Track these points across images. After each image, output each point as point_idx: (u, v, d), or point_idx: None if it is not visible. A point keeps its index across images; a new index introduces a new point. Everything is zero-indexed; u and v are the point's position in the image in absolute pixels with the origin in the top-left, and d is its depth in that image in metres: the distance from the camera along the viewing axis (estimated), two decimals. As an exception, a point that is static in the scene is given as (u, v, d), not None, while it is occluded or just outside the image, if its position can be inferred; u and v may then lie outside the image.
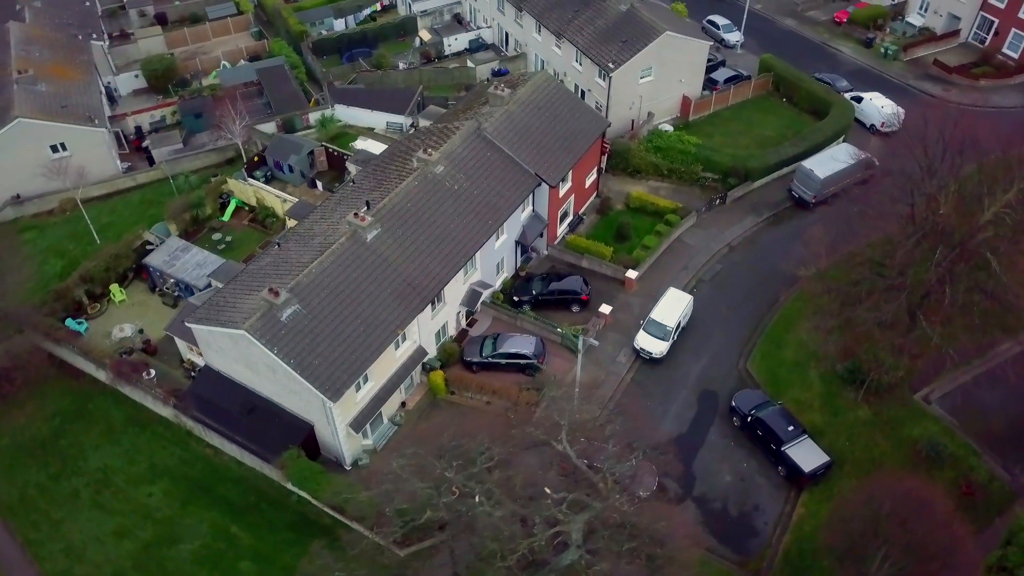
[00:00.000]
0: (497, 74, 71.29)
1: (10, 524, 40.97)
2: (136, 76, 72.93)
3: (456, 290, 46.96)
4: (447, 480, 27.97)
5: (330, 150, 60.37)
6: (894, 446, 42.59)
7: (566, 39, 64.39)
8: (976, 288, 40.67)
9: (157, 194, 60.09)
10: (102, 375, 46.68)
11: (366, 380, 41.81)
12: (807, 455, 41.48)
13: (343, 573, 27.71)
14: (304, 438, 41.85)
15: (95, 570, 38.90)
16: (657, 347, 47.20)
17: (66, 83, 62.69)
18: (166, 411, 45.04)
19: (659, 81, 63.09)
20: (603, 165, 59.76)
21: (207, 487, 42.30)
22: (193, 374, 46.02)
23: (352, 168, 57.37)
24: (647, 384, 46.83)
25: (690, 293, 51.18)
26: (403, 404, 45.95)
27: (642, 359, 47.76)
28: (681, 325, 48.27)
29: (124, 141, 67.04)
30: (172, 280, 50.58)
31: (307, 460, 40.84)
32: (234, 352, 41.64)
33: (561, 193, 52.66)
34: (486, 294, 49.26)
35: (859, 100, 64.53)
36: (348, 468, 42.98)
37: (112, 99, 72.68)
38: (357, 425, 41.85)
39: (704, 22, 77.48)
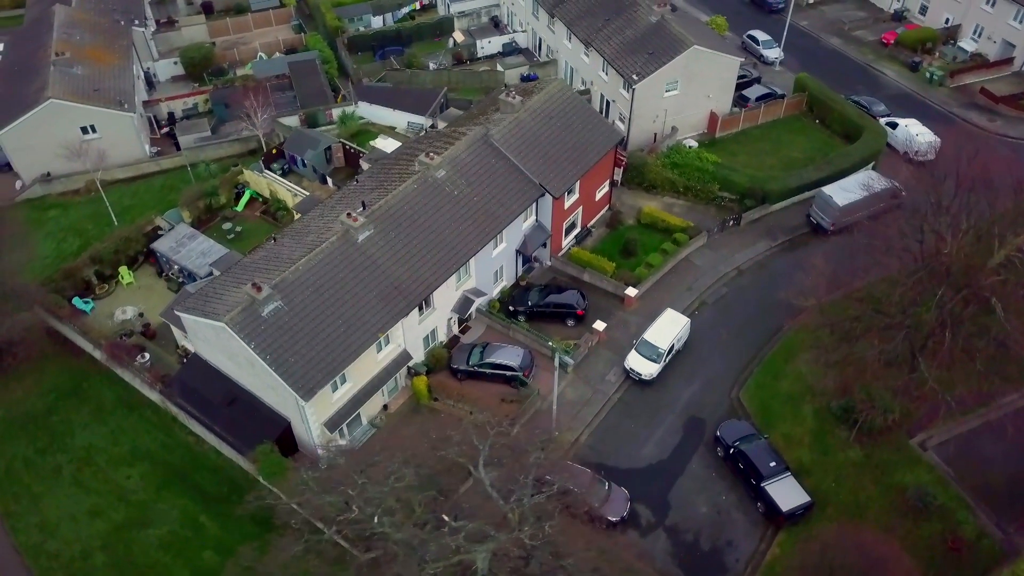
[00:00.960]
0: (526, 79, 70.73)
1: (-8, 495, 42.31)
2: (175, 63, 74.57)
3: (447, 296, 46.64)
4: (350, 497, 27.64)
5: (347, 147, 60.66)
6: (882, 491, 40.74)
7: (594, 48, 63.53)
8: (980, 334, 38.60)
9: (179, 180, 61.25)
10: (99, 355, 47.71)
11: (344, 381, 41.83)
12: (787, 493, 39.94)
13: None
14: (280, 434, 42.05)
15: (64, 547, 39.77)
16: (647, 369, 46.10)
17: (102, 67, 64.37)
18: (154, 395, 45.85)
19: (685, 95, 61.75)
20: (618, 178, 58.79)
21: (184, 474, 42.88)
22: (184, 361, 46.69)
23: (365, 166, 57.56)
24: (634, 406, 45.79)
25: (692, 315, 49.97)
26: (385, 407, 45.86)
27: (632, 380, 46.69)
28: (675, 348, 47.06)
29: (155, 126, 68.60)
30: (176, 266, 51.46)
31: (279, 456, 41.00)
32: (217, 343, 42.09)
33: (567, 205, 51.89)
34: (480, 302, 48.82)
35: (894, 126, 62.11)
36: (322, 467, 42.98)
37: (151, 84, 74.56)
38: (332, 425, 41.90)
39: (744, 37, 75.77)
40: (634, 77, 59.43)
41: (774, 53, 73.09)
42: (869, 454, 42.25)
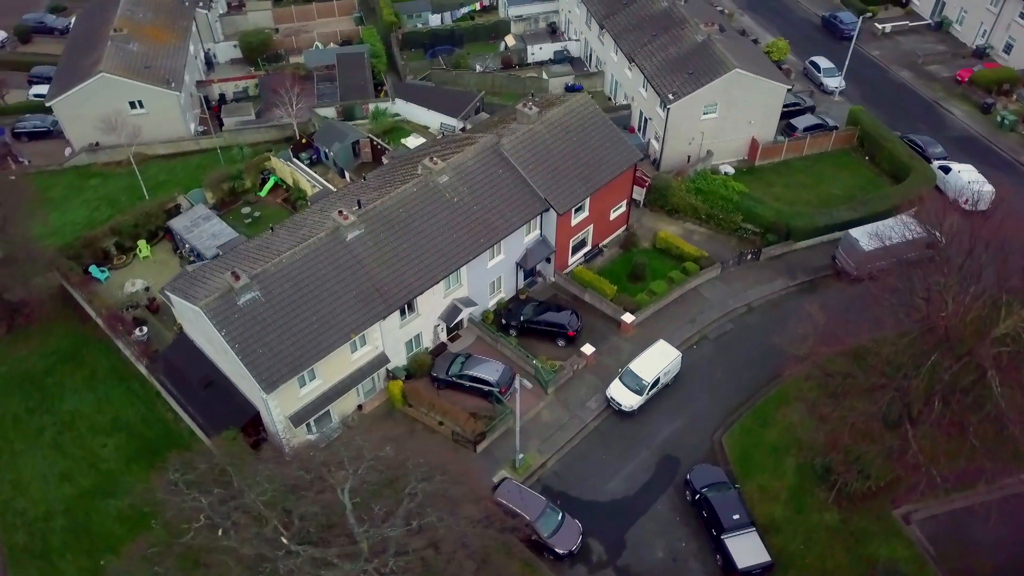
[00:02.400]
0: (570, 89, 69.67)
1: (-23, 448, 44.24)
2: (235, 46, 76.70)
3: (433, 303, 46.18)
4: (201, 506, 27.35)
5: (375, 143, 60.98)
6: (852, 561, 38.07)
7: (635, 63, 61.90)
8: (974, 408, 35.53)
9: (215, 160, 62.96)
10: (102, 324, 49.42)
11: (313, 377, 41.92)
12: (747, 549, 37.77)
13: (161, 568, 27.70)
14: (247, 422, 42.50)
15: (31, 506, 41.27)
16: (629, 400, 44.49)
17: (158, 45, 66.76)
18: (144, 369, 47.08)
19: (725, 120, 59.50)
20: (640, 199, 57.10)
21: (156, 450, 43.72)
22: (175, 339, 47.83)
23: (386, 163, 57.69)
24: (610, 436, 44.28)
25: (690, 349, 48.10)
26: (359, 407, 45.79)
27: (613, 409, 45.19)
28: (661, 382, 45.24)
29: (205, 106, 70.69)
30: (188, 245, 52.78)
31: (242, 443, 41.39)
32: (198, 325, 42.82)
33: (574, 222, 50.63)
34: (469, 311, 48.15)
35: (947, 171, 58.12)
36: (288, 459, 43.22)
37: (210, 65, 76.95)
38: (298, 420, 42.08)
39: (806, 63, 72.42)
40: (670, 96, 57.61)
41: (835, 82, 69.56)
42: (846, 519, 39.56)
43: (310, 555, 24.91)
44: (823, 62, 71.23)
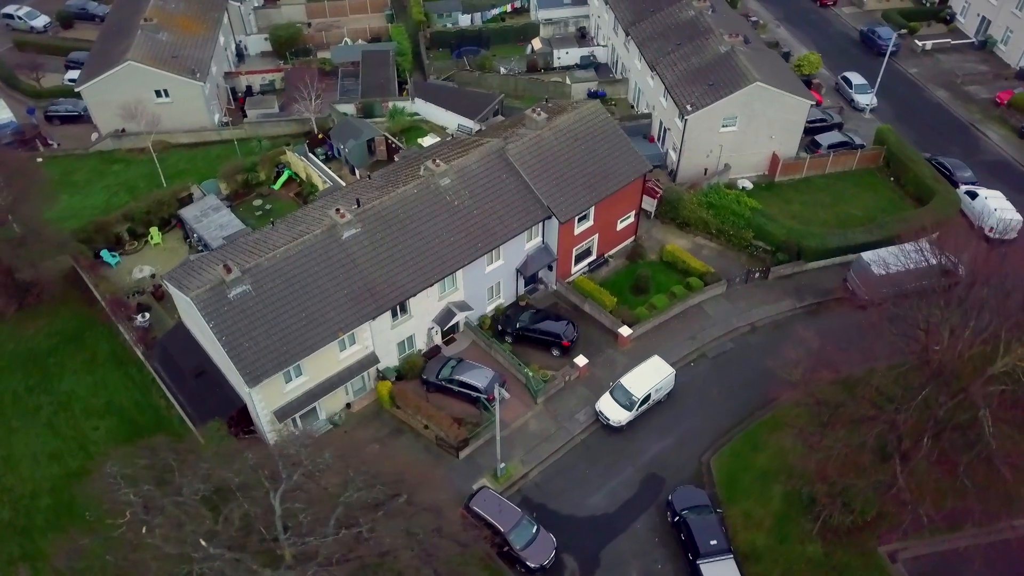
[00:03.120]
0: (593, 95, 68.97)
1: (-24, 424, 45.28)
2: (265, 39, 77.53)
3: (427, 305, 45.96)
4: (131, 501, 27.31)
5: (389, 141, 61.03)
6: (832, 597, 36.87)
7: (656, 72, 60.95)
8: (966, 447, 34.05)
9: (234, 151, 63.61)
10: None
11: (299, 373, 42.01)
12: (722, 577, 36.84)
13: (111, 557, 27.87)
14: (233, 413, 42.79)
15: (19, 483, 42.10)
16: (617, 415, 43.73)
17: (186, 36, 67.78)
18: (142, 355, 47.74)
19: (745, 133, 58.26)
20: (652, 210, 56.18)
21: (145, 436, 44.07)
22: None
23: (397, 161, 57.66)
24: (596, 450, 43.58)
25: (688, 367, 47.18)
26: (348, 405, 45.80)
27: (601, 423, 44.48)
28: (652, 398, 44.37)
29: (232, 98, 71.59)
30: (196, 235, 53.42)
31: (227, 434, 41.71)
32: (191, 315, 43.21)
33: (578, 231, 49.98)
34: (465, 315, 47.83)
35: (973, 196, 56.07)
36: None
37: (241, 57, 77.93)
38: (282, 415, 42.22)
39: (838, 78, 70.56)
40: (688, 107, 56.61)
41: (866, 99, 67.63)
42: (830, 553, 38.29)
43: (229, 558, 24.84)
44: (855, 78, 69.28)
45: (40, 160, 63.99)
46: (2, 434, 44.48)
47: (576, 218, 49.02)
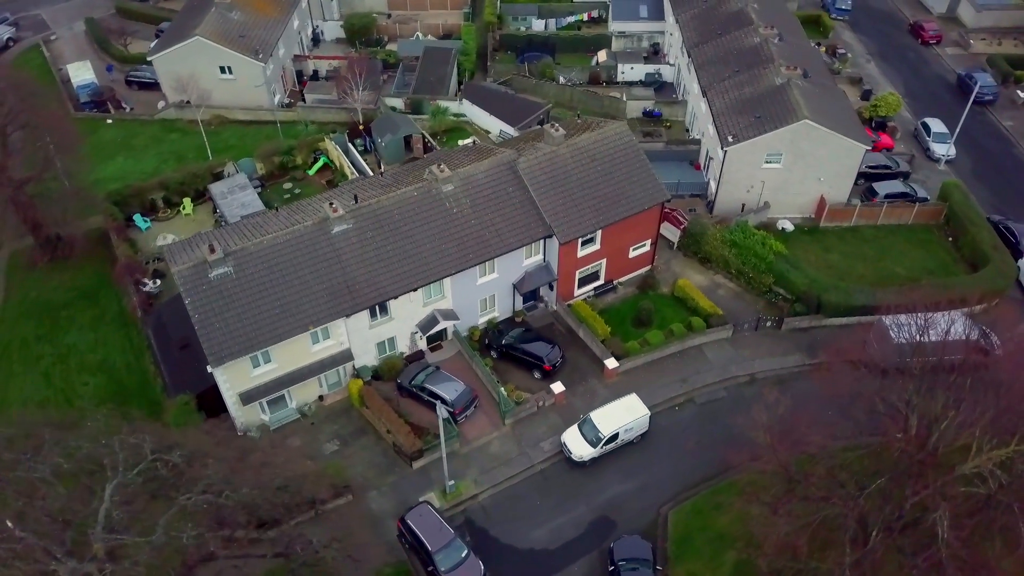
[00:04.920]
0: (647, 114, 66.82)
1: (-15, 365, 47.97)
2: (341, 26, 79.05)
3: (410, 309, 45.51)
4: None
5: (426, 140, 60.94)
6: None
7: (707, 98, 58.28)
8: (919, 548, 30.73)
9: (284, 132, 65.15)
10: (125, 270, 52.47)
11: (268, 360, 42.43)
12: (644, 641, 34.74)
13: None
14: (204, 391, 43.65)
15: (4, 429, 44.36)
16: (579, 450, 42.04)
17: (259, 17, 69.94)
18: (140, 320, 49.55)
19: (791, 172, 54.96)
20: (675, 240, 53.80)
21: (128, 398, 45.92)
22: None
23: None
24: (553, 482, 42.03)
25: (671, 410, 44.89)
26: (321, 398, 45.98)
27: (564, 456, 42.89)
28: (621, 438, 42.36)
29: (297, 80, 73.39)
30: (219, 211, 55.00)
31: (193, 410, 42.64)
32: (181, 289, 44.48)
33: (581, 253, 48.34)
34: (451, 324, 47.09)
35: (1037, 270, 50.82)
36: (240, 434, 44.18)
37: (317, 42, 79.81)
38: (247, 398, 42.77)
39: (918, 124, 65.47)
40: (729, 138, 53.84)
41: (943, 149, 62.40)
42: (769, 635, 35.47)
43: (37, 545, 25.07)
44: (936, 125, 64.05)
45: (109, 122, 67.64)
46: (2, 378, 47.10)
47: (580, 240, 47.41)
